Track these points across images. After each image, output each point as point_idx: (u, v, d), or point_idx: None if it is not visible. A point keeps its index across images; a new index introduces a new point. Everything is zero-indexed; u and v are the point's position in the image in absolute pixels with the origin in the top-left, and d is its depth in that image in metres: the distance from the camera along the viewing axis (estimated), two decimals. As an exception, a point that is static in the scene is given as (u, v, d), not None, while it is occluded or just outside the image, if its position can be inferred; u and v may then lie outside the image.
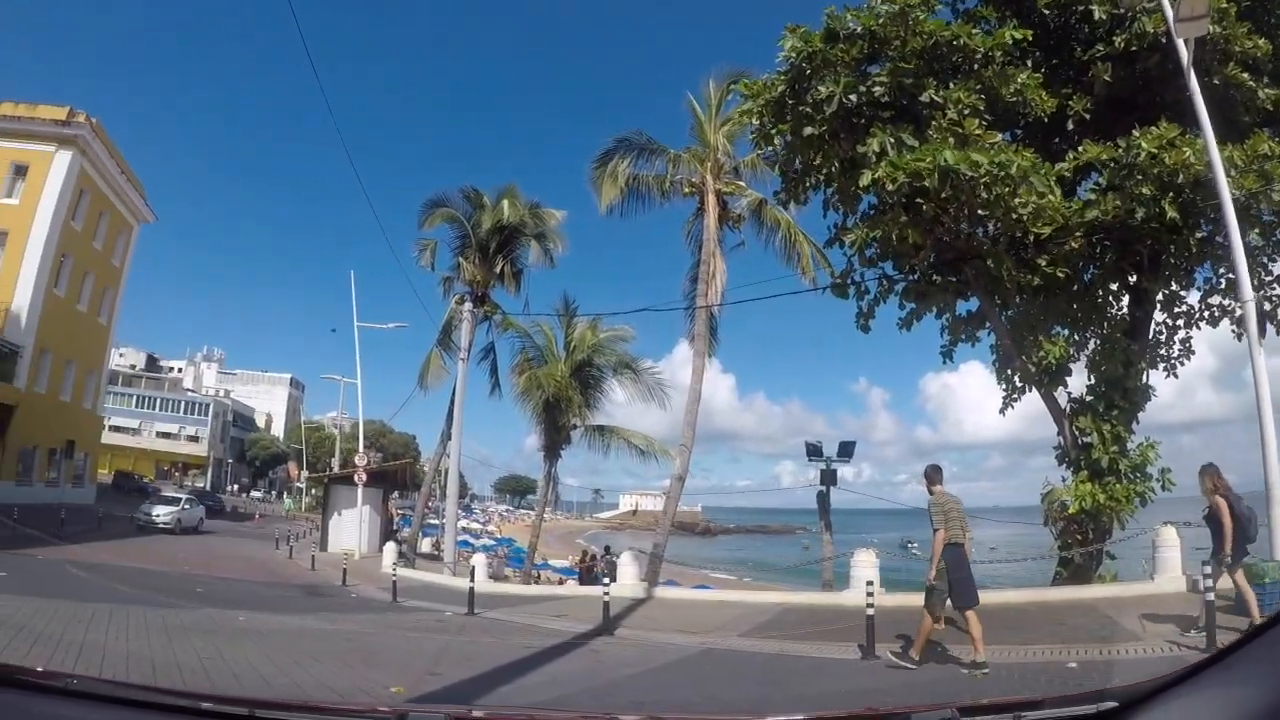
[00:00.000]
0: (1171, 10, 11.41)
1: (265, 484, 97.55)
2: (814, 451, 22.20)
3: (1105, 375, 13.75)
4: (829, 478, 21.71)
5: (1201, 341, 15.30)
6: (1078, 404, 14.15)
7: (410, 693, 7.13)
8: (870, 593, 10.11)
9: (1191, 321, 15.07)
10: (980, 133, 11.78)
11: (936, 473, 9.35)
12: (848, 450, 22.68)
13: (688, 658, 10.65)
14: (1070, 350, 14.38)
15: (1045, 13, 13.39)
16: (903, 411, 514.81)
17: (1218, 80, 12.31)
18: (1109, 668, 8.15)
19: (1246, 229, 11.68)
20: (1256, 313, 11.79)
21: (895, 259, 14.52)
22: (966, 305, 15.42)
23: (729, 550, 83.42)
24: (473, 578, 15.85)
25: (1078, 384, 14.63)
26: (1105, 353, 13.90)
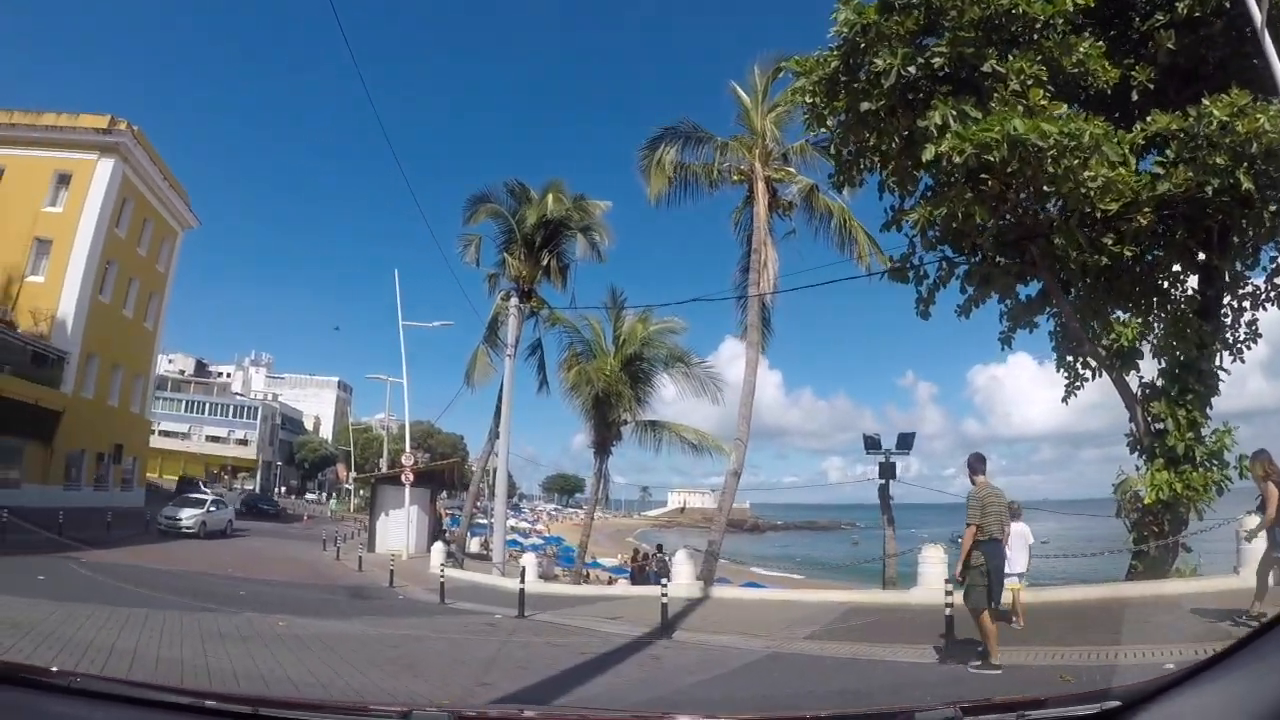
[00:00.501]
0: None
1: (315, 486, 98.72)
2: (872, 444, 21.78)
3: (1179, 358, 13.17)
4: (888, 470, 21.18)
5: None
6: (1150, 389, 13.63)
7: (459, 705, 6.50)
8: (949, 591, 9.64)
9: (1258, 303, 14.31)
10: (1045, 103, 11.16)
11: (980, 462, 9.10)
12: (907, 442, 22.20)
13: (754, 662, 10.06)
14: (1143, 332, 13.80)
15: (1105, -21, 12.76)
16: (950, 404, 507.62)
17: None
18: (1112, 666, 8.13)
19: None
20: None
21: (958, 240, 13.94)
22: (1025, 290, 14.82)
23: (778, 547, 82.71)
24: (523, 579, 15.28)
25: (1145, 369, 14.17)
26: (1177, 334, 13.24)
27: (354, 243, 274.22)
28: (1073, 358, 14.97)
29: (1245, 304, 14.33)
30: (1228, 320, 14.34)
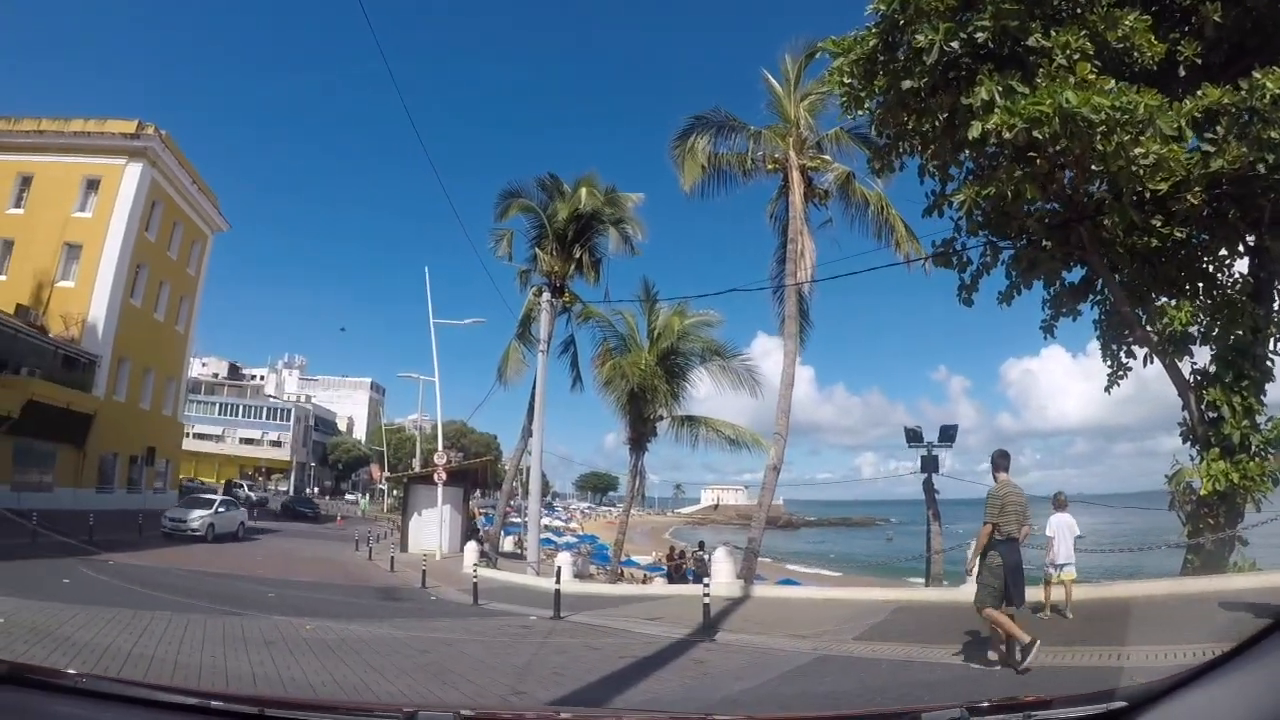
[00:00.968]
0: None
1: (350, 486, 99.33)
2: (914, 437, 21.26)
3: (1233, 343, 12.72)
4: (931, 464, 20.52)
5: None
6: (1203, 375, 13.20)
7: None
8: None
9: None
10: (1093, 78, 10.60)
11: (1003, 459, 8.91)
12: (949, 434, 21.63)
13: (803, 666, 9.51)
14: (1197, 315, 13.35)
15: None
16: (984, 398, 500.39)
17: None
18: (1119, 666, 8.06)
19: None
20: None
21: (1003, 223, 13.52)
22: (1069, 276, 14.60)
23: (813, 543, 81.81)
24: (558, 579, 14.78)
25: (1195, 356, 13.79)
26: (1231, 318, 12.80)
27: (385, 243, 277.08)
28: (1117, 346, 14.61)
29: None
30: (1275, 306, 13.94)
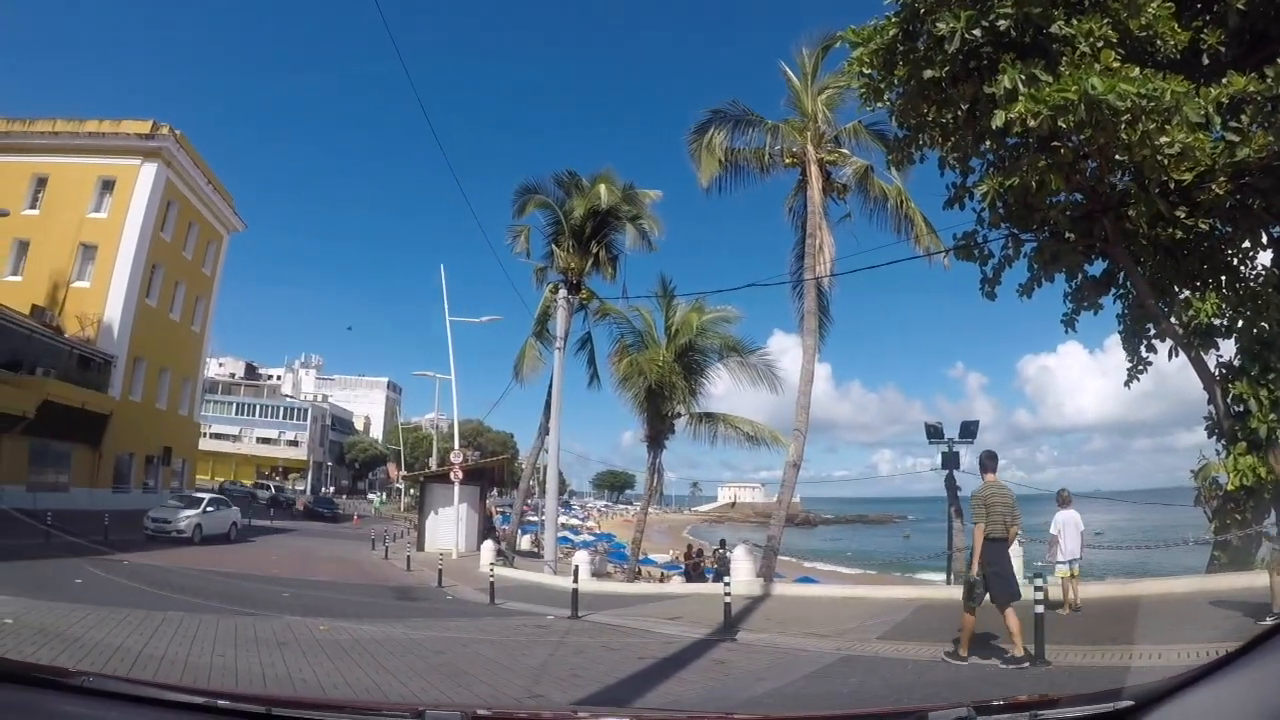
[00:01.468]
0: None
1: (367, 485, 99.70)
2: (934, 433, 20.93)
3: (1259, 335, 12.64)
4: (952, 460, 20.19)
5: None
6: (1229, 369, 13.13)
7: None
8: (1039, 588, 8.70)
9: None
10: (1118, 65, 10.41)
11: (991, 460, 9.18)
12: (970, 430, 21.28)
13: (828, 666, 9.24)
14: (1222, 308, 13.19)
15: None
16: (1000, 395, 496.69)
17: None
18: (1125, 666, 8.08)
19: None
20: None
21: (1026, 214, 13.37)
22: (1091, 269, 14.59)
23: (830, 541, 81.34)
24: (576, 578, 14.58)
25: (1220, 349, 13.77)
26: (1257, 311, 12.76)
27: (401, 243, 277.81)
28: (1139, 339, 14.54)
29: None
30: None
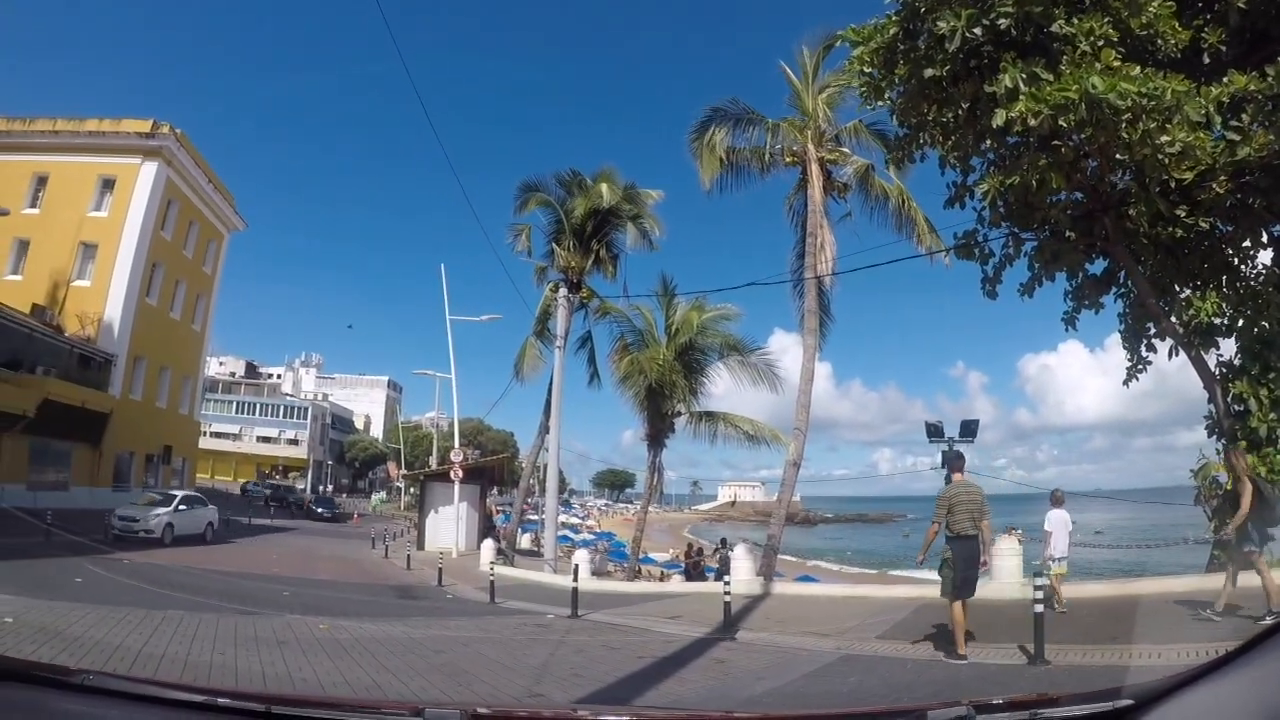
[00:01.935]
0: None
1: (367, 484, 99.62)
2: (935, 432, 21.04)
3: (1259, 335, 12.75)
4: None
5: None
6: (1229, 368, 13.28)
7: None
8: (1039, 586, 8.73)
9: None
10: (1118, 64, 10.40)
11: (958, 460, 9.54)
12: (970, 429, 21.40)
13: (827, 665, 9.25)
14: (1222, 307, 13.29)
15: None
16: (1001, 394, 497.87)
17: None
18: (1125, 665, 8.12)
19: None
20: None
21: (1027, 213, 13.35)
22: (1091, 268, 14.60)
23: (830, 540, 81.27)
24: (576, 576, 14.61)
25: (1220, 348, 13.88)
26: (1257, 310, 12.79)
27: (401, 242, 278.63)
28: (1139, 338, 14.58)
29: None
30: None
